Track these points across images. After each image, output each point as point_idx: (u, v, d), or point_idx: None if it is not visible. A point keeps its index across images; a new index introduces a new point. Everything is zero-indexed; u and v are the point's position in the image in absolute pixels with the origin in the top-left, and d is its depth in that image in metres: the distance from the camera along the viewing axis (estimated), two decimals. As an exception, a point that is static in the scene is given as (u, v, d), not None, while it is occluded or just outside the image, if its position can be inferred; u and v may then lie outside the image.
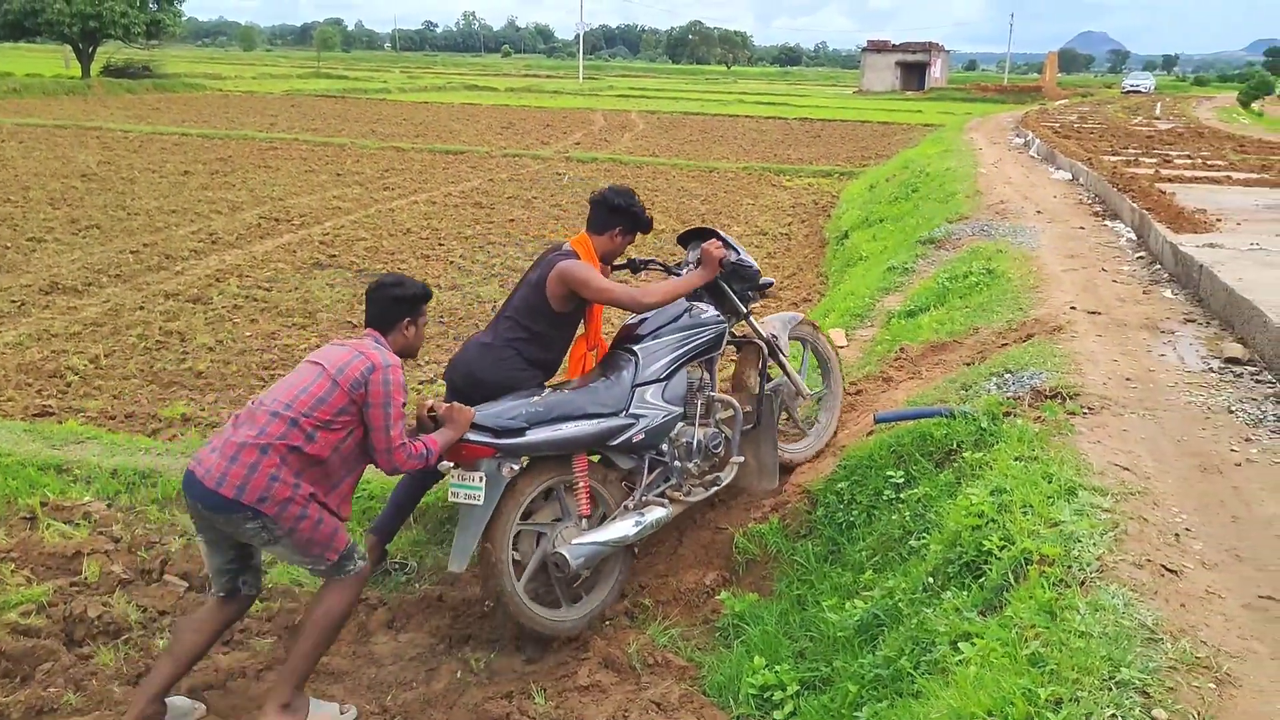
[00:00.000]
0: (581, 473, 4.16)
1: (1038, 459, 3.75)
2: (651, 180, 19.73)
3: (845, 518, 4.41)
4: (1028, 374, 4.90)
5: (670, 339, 4.53)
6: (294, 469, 3.39)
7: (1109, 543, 2.98)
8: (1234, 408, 4.43)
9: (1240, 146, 20.01)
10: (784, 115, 40.33)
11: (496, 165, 21.33)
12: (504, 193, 17.28)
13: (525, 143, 26.22)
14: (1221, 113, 43.89)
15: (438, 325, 9.20)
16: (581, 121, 34.44)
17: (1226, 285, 6.11)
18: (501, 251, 12.45)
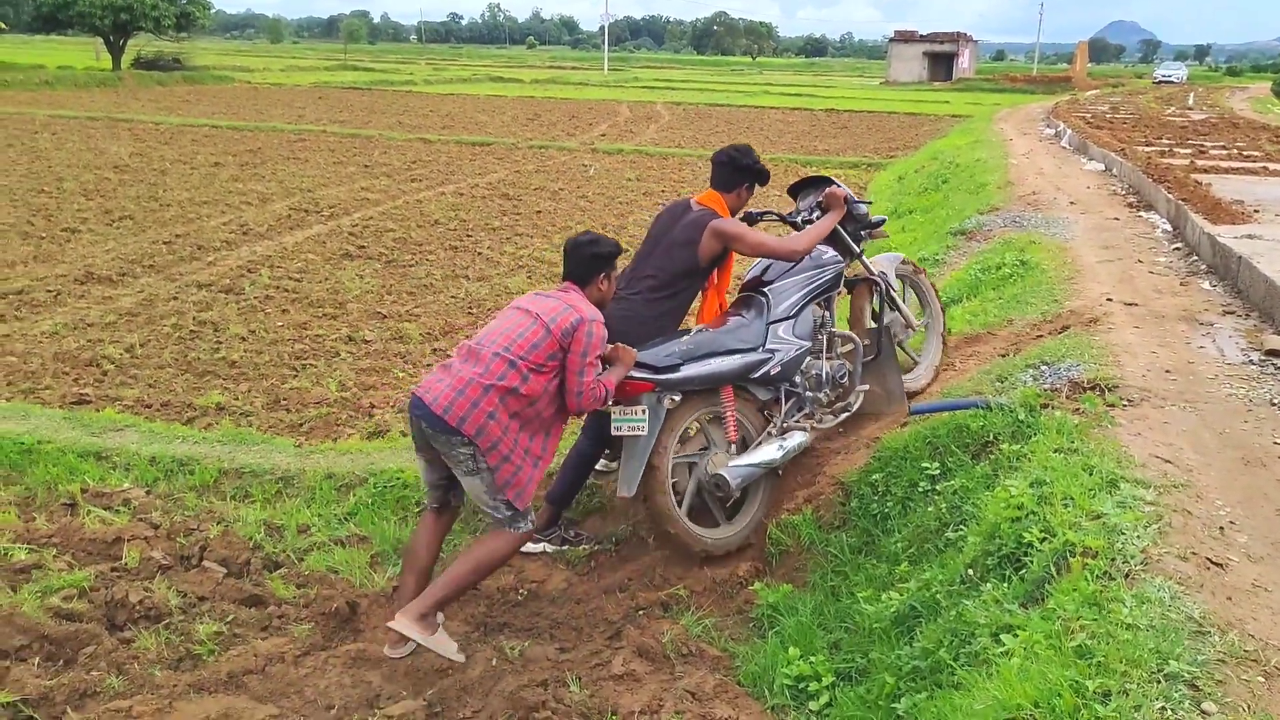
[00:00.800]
0: (729, 403, 4.63)
1: (1078, 451, 3.72)
2: (678, 172, 19.70)
3: (880, 509, 4.39)
4: (1065, 366, 4.86)
5: (796, 279, 4.95)
6: (510, 410, 3.84)
7: (1153, 535, 2.95)
8: (1276, 400, 4.38)
9: (1276, 137, 19.75)
10: (810, 106, 40.15)
11: (523, 157, 21.35)
12: (530, 184, 17.30)
13: (551, 134, 26.23)
14: (1255, 103, 43.31)
15: (467, 315, 9.23)
16: (607, 113, 34.41)
17: (1266, 277, 6.03)
18: (529, 243, 12.46)
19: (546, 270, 11.06)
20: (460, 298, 9.85)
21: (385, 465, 5.45)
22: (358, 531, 4.93)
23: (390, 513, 5.09)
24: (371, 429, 6.42)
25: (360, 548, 4.79)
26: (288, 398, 6.95)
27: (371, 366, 7.71)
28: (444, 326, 8.87)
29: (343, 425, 6.53)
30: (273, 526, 4.91)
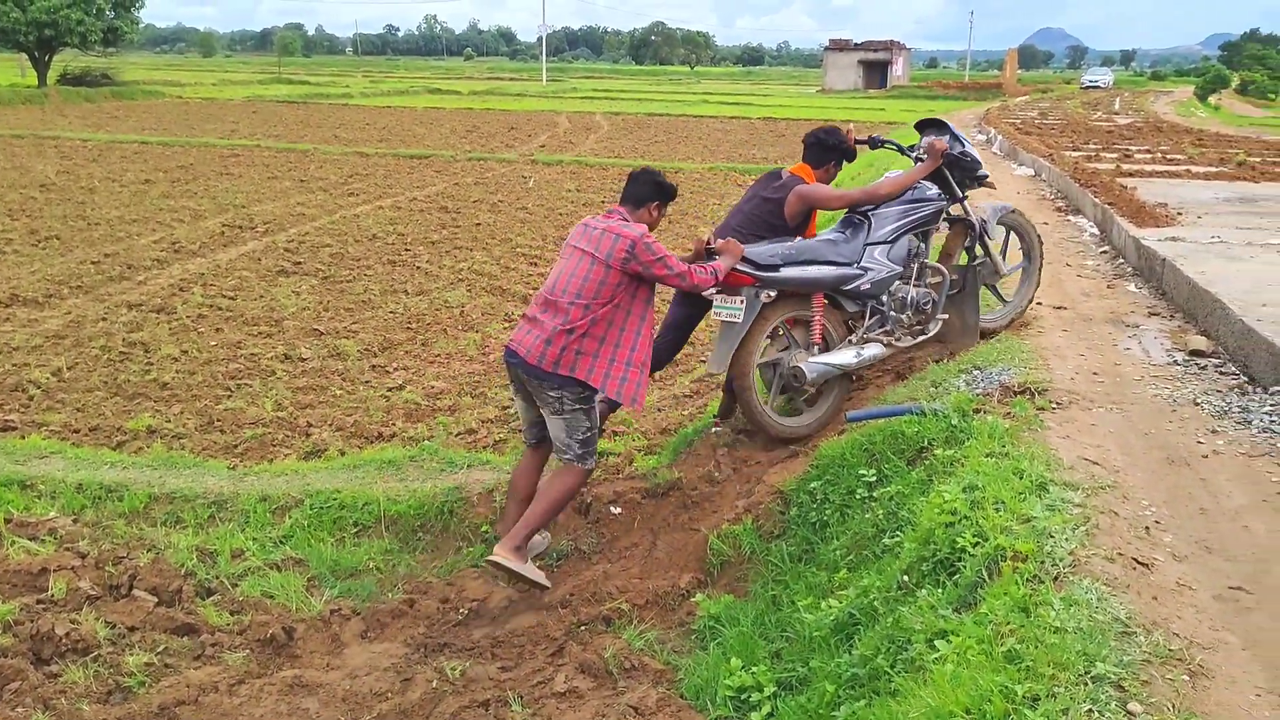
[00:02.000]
0: (818, 310, 5.13)
1: (1008, 455, 3.77)
2: (618, 182, 19.69)
3: (819, 517, 4.42)
4: (997, 370, 4.94)
5: (897, 209, 5.37)
6: (597, 338, 4.44)
7: (1081, 537, 3.00)
8: (1199, 400, 4.48)
9: (1199, 140, 20.29)
10: (748, 115, 40.40)
11: (462, 169, 21.23)
12: (470, 197, 17.21)
13: (490, 146, 26.12)
14: (1179, 107, 44.45)
15: (406, 330, 9.15)
16: (546, 124, 34.37)
17: (1189, 279, 6.18)
18: (469, 256, 12.39)
19: (487, 283, 11.01)
20: (399, 313, 9.76)
21: (322, 486, 5.37)
22: (294, 554, 4.85)
23: (327, 534, 5.02)
24: (309, 449, 6.34)
25: (296, 571, 4.72)
26: (222, 419, 6.83)
27: (308, 385, 7.61)
28: (383, 342, 8.79)
29: (279, 446, 6.43)
30: (205, 552, 4.81)
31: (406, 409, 7.21)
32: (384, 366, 8.21)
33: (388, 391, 7.57)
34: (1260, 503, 3.41)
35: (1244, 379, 4.81)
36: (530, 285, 11.01)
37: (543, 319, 4.48)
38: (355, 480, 5.46)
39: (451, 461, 5.62)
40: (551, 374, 4.40)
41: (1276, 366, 4.56)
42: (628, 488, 5.17)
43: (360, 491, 5.23)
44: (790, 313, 5.10)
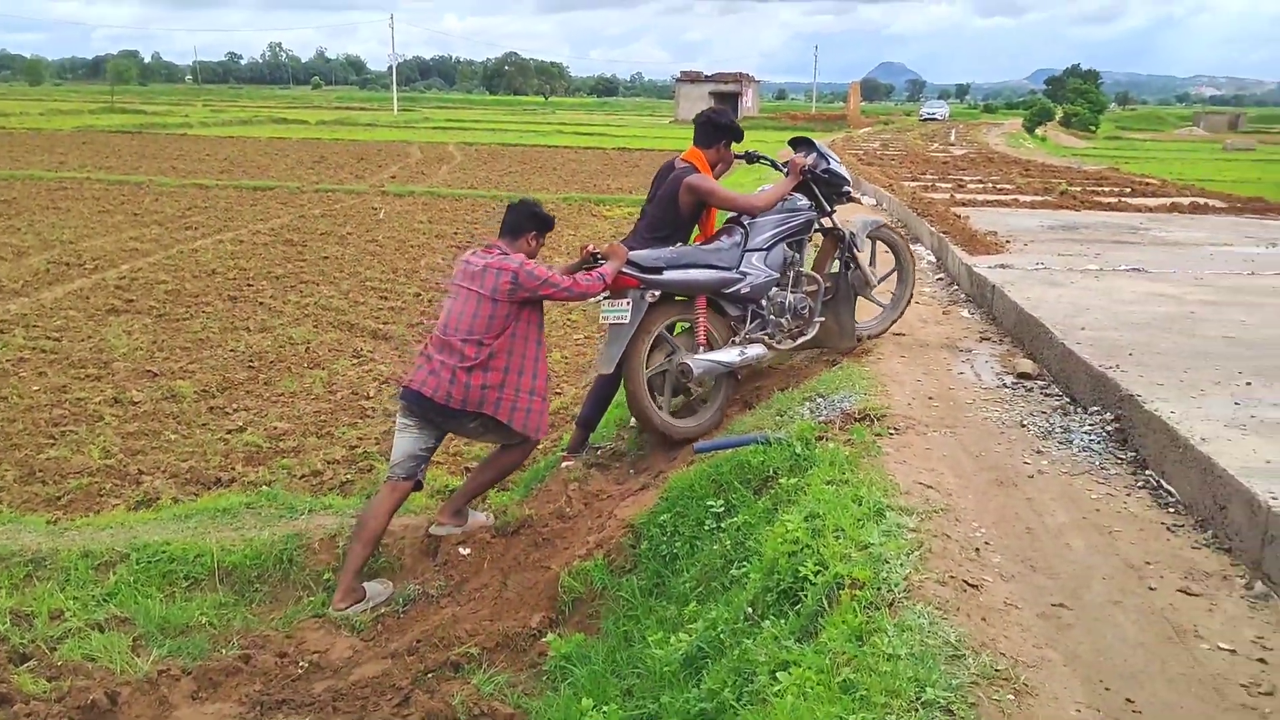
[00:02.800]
0: (701, 312, 5.41)
1: (848, 482, 3.85)
2: (471, 212, 19.56)
3: (669, 550, 4.42)
4: (838, 397, 5.05)
5: (772, 219, 5.71)
6: (498, 368, 4.73)
7: (915, 562, 3.07)
8: (1026, 421, 4.68)
9: (1026, 170, 21.41)
10: (602, 145, 40.73)
11: (308, 201, 20.70)
12: (316, 229, 16.78)
13: (339, 177, 25.56)
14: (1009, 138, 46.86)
15: (247, 369, 8.82)
16: (397, 154, 33.88)
17: (1016, 304, 6.47)
18: (315, 290, 12.06)
19: (334, 318, 10.73)
20: (240, 351, 9.41)
21: (150, 538, 5.09)
22: (119, 613, 4.56)
23: (155, 589, 4.75)
24: (139, 498, 6.03)
25: (121, 631, 4.44)
26: (43, 469, 6.44)
27: (140, 430, 7.24)
28: (221, 382, 8.45)
29: (106, 496, 6.09)
30: (20, 615, 4.48)
31: (246, 452, 6.94)
32: (223, 408, 7.89)
33: (226, 434, 7.27)
34: (1080, 520, 3.57)
35: (1066, 400, 5.05)
36: (379, 320, 10.78)
37: (439, 358, 4.73)
38: (187, 531, 5.20)
39: (292, 507, 5.42)
40: (453, 412, 4.73)
41: (1094, 388, 4.80)
42: (477, 527, 5.08)
43: (192, 543, 4.99)
44: (674, 316, 5.38)
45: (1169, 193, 15.77)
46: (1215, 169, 27.93)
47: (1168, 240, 9.92)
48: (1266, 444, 3.73)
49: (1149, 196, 15.03)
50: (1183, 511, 3.66)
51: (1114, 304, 6.44)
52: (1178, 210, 13.07)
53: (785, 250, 5.75)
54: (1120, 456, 4.22)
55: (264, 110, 69.11)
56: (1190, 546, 3.37)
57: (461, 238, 16.54)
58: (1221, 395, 4.39)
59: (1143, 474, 4.02)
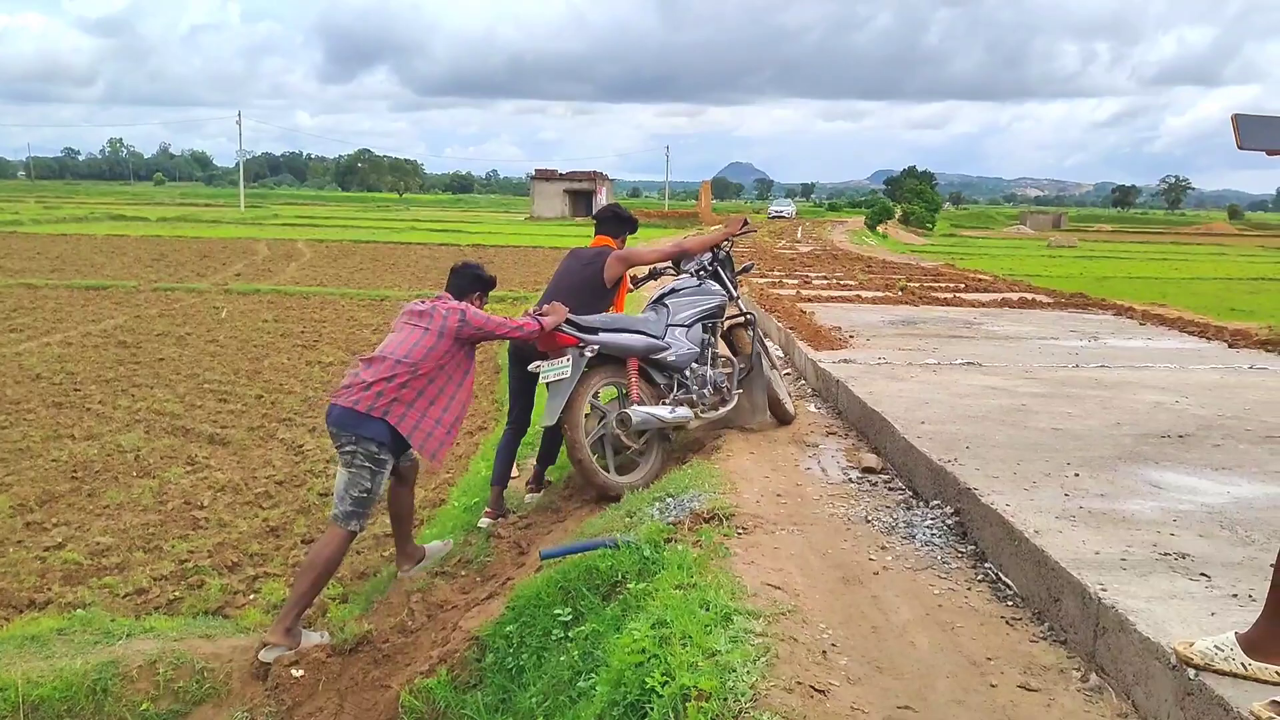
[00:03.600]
0: (634, 372, 5.84)
1: (696, 585, 3.79)
2: (320, 311, 19.13)
3: (515, 662, 4.25)
4: (688, 496, 5.01)
5: (690, 299, 6.33)
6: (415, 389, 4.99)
7: (762, 669, 3.01)
8: (870, 516, 4.73)
9: (868, 267, 22.30)
10: (458, 242, 40.66)
11: (145, 300, 19.89)
12: (153, 330, 16.10)
13: (179, 275, 24.70)
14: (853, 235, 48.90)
15: (70, 480, 8.27)
16: (244, 251, 33.03)
17: (860, 399, 6.61)
18: (149, 394, 11.50)
19: (168, 424, 10.22)
20: (63, 460, 8.85)
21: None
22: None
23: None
24: (-62, 626, 5.50)
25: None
26: None
27: (-56, 550, 6.68)
28: (42, 495, 7.91)
29: (-99, 625, 5.54)
30: None
31: (65, 570, 6.46)
32: (41, 523, 7.36)
33: (43, 551, 6.77)
34: (924, 616, 3.59)
35: (910, 494, 5.15)
36: (218, 423, 10.32)
37: (364, 374, 5.00)
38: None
39: (108, 632, 5.01)
40: (361, 416, 4.89)
41: (935, 481, 4.91)
42: (312, 646, 4.79)
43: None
44: (608, 378, 5.80)
45: (999, 288, 16.61)
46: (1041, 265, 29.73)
47: (999, 335, 10.39)
48: (1095, 535, 3.85)
49: (981, 292, 15.78)
50: (1020, 604, 3.72)
51: (952, 397, 6.65)
52: (1008, 305, 13.75)
53: (702, 331, 6.30)
54: (961, 550, 4.29)
55: (102, 206, 66.65)
56: (1028, 640, 3.41)
57: (309, 336, 16.12)
58: (1052, 486, 4.54)
59: (982, 567, 4.09)
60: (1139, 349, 9.50)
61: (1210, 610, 3.11)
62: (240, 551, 6.93)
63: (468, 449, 9.84)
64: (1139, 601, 3.13)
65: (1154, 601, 3.14)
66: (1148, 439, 5.54)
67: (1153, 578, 3.38)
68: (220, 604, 6.02)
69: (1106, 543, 3.75)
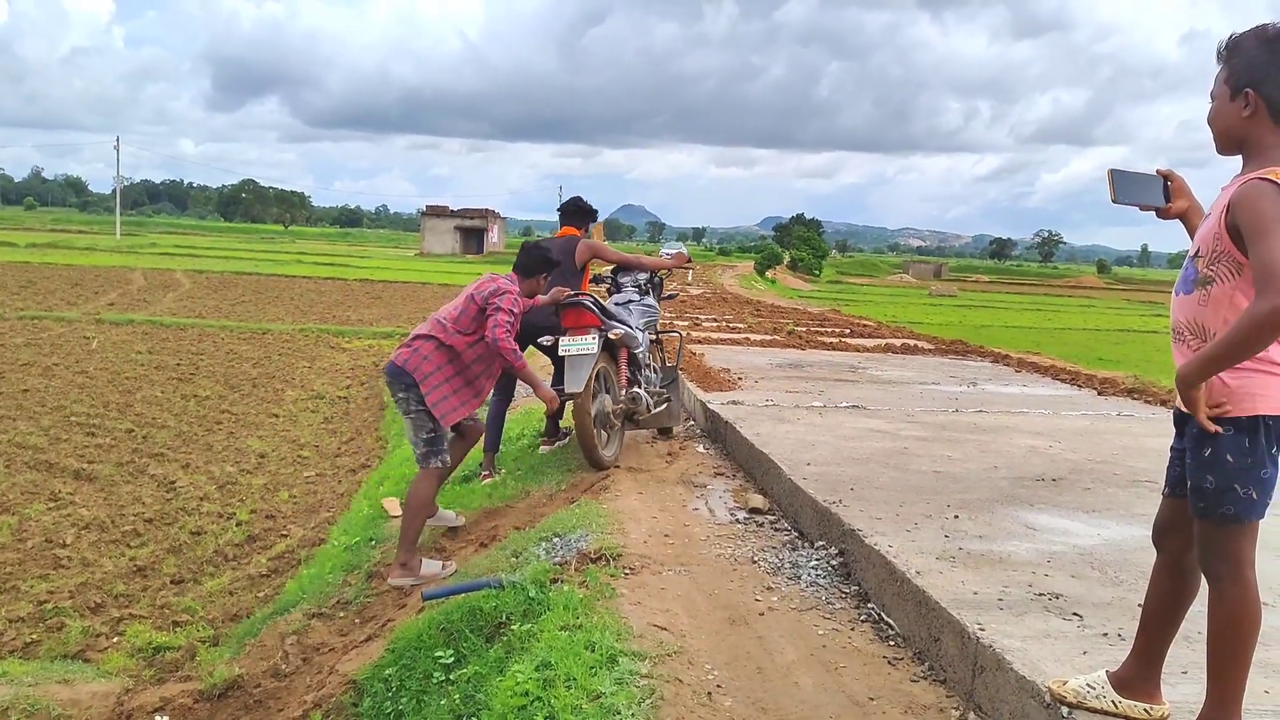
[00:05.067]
0: (624, 361, 6.79)
1: (582, 626, 3.74)
2: (197, 343, 18.51)
3: (394, 708, 4.12)
4: (575, 536, 4.96)
5: (642, 307, 7.30)
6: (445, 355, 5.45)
7: (647, 711, 2.98)
8: (756, 557, 4.75)
9: (757, 310, 22.65)
10: (344, 276, 39.98)
11: (10, 329, 18.93)
12: (17, 359, 15.33)
13: (48, 303, 23.63)
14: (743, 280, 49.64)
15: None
16: (118, 280, 31.83)
17: (748, 440, 6.66)
18: (11, 427, 10.92)
19: (30, 458, 9.73)
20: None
21: None
22: None
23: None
24: None
25: None
26: None
27: None
28: (-118, 540, 7.39)
29: None
30: None
31: (554, 293, 6.36)
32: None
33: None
34: (809, 656, 3.60)
35: (795, 534, 5.18)
36: (84, 458, 9.85)
37: (414, 331, 5.61)
38: None
39: (-45, 677, 4.71)
40: (400, 370, 5.35)
41: (820, 522, 4.96)
42: (178, 691, 4.58)
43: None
44: (604, 362, 6.49)
45: (883, 334, 17.05)
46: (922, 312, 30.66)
47: (883, 379, 10.62)
48: (973, 575, 3.93)
49: (866, 337, 16.17)
50: (902, 644, 3.76)
51: (837, 439, 6.76)
52: (891, 350, 14.10)
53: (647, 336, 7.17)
54: (845, 590, 4.33)
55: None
56: (909, 679, 3.45)
57: (185, 369, 15.58)
58: (933, 528, 4.62)
59: (865, 607, 4.13)
60: (1015, 395, 9.82)
61: (1082, 649, 3.19)
62: (104, 592, 6.59)
63: (349, 486, 9.60)
64: (1015, 641, 3.19)
65: (1029, 641, 3.21)
66: (1023, 482, 5.70)
67: (1028, 617, 3.46)
68: (81, 647, 5.70)
69: (984, 583, 3.82)
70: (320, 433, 12.18)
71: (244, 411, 12.94)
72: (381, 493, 7.98)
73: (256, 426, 12.13)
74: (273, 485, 9.58)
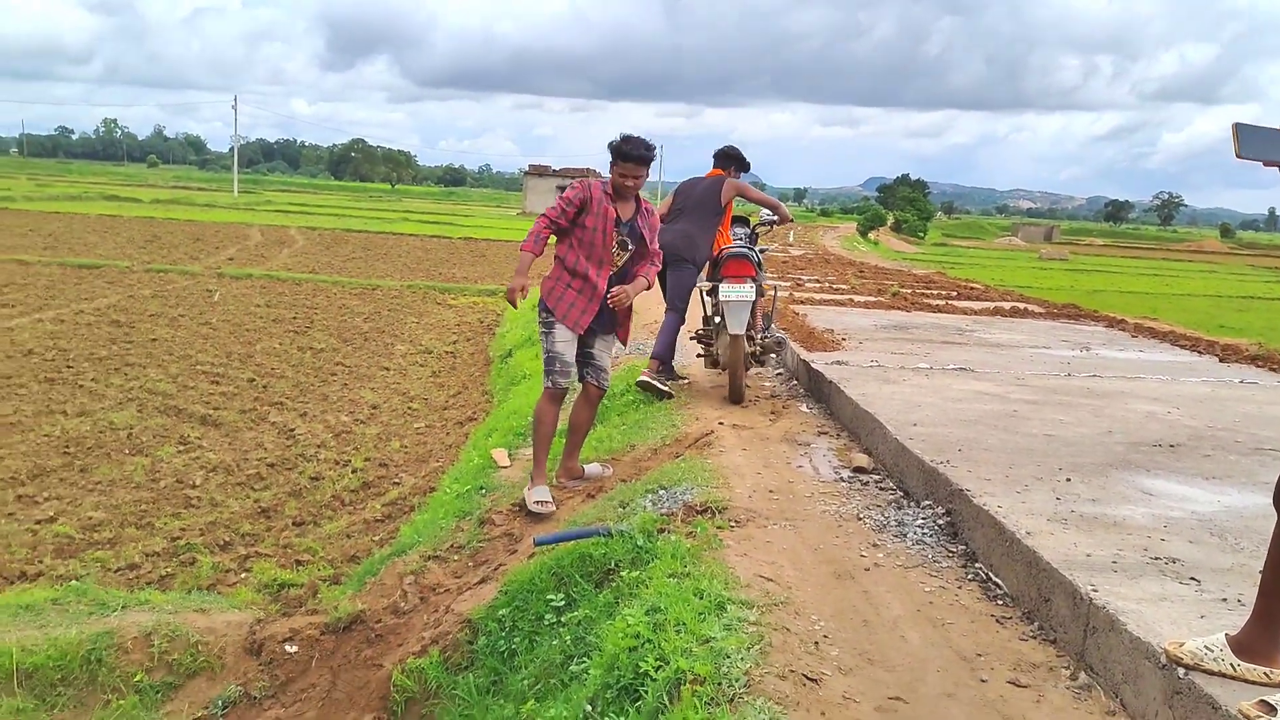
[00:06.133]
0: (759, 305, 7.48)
1: (690, 575, 3.83)
2: (311, 297, 19.11)
3: (507, 645, 4.29)
4: (681, 489, 5.05)
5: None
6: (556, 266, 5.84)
7: (755, 656, 3.06)
8: (861, 514, 4.78)
9: (860, 272, 22.36)
10: (449, 235, 40.63)
11: (139, 281, 19.85)
12: (146, 310, 16.07)
13: (172, 257, 24.64)
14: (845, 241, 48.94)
15: (62, 455, 8.26)
16: (236, 236, 32.96)
17: (852, 400, 6.65)
18: (141, 373, 11.49)
19: (160, 403, 10.21)
20: (55, 436, 8.84)
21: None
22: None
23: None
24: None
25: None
26: None
27: (-66, 521, 6.68)
28: (33, 469, 7.90)
29: (-109, 595, 5.55)
30: None
31: (56, 544, 6.47)
32: (32, 496, 7.36)
33: (35, 525, 6.77)
34: (915, 612, 3.63)
35: (901, 494, 5.19)
36: (210, 405, 10.32)
37: None
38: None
39: (103, 603, 5.02)
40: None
41: (926, 482, 4.95)
42: (305, 623, 4.82)
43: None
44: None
45: (991, 297, 16.70)
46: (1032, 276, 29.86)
47: (991, 342, 10.45)
48: (1086, 537, 3.90)
49: (973, 300, 15.87)
50: (1010, 603, 3.77)
51: (944, 401, 6.70)
52: (1000, 314, 13.83)
53: None
54: (952, 549, 4.33)
55: (95, 186, 66.38)
56: (1018, 638, 3.46)
57: (301, 322, 16.11)
58: (1044, 490, 4.59)
59: (973, 567, 4.13)
60: (1131, 360, 9.57)
61: (1200, 613, 3.16)
62: (232, 531, 6.95)
63: (457, 438, 9.87)
64: (1129, 603, 3.18)
65: (1144, 603, 3.19)
66: (1139, 447, 5.60)
67: (1143, 580, 3.43)
68: (212, 581, 6.04)
69: (1098, 546, 3.80)
70: (429, 386, 12.51)
71: (356, 364, 13.36)
72: (490, 444, 8.19)
73: (368, 379, 12.53)
74: (385, 435, 9.91)
